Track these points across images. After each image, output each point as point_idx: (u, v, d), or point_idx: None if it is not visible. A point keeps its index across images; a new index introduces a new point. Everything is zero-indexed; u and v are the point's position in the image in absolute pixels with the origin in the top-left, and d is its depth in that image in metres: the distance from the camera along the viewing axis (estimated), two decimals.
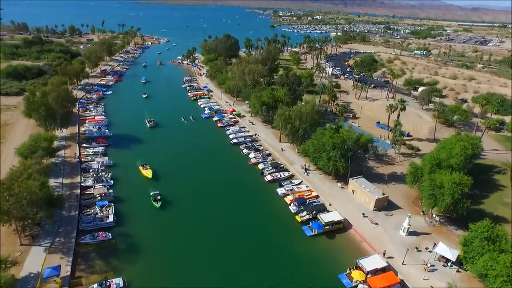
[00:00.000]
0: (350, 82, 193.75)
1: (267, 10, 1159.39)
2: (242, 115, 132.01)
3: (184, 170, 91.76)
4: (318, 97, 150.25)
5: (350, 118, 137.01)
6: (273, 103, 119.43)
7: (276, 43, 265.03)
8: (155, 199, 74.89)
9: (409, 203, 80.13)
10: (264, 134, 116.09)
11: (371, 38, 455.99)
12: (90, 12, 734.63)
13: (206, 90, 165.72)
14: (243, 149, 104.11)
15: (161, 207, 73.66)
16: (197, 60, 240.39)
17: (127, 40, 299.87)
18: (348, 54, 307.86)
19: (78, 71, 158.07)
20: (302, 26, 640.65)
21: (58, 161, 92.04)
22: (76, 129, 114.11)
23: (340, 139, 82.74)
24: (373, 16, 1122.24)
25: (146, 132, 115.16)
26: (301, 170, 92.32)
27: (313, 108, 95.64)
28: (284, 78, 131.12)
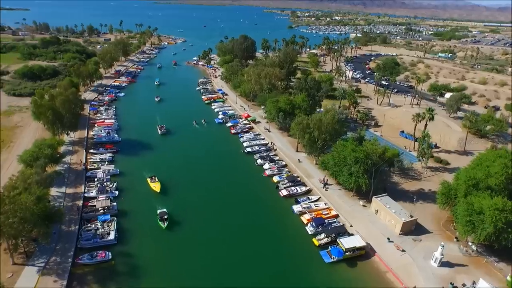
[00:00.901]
0: (371, 86, 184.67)
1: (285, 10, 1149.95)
2: (257, 121, 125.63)
3: (194, 183, 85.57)
4: (337, 102, 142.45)
5: (371, 126, 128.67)
6: (290, 109, 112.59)
7: (294, 45, 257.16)
8: (162, 219, 68.76)
9: (440, 227, 71.88)
10: (280, 142, 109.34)
11: (392, 39, 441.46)
12: (109, 12, 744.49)
13: (221, 93, 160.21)
14: (257, 159, 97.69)
15: (167, 228, 67.51)
16: (213, 61, 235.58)
17: (143, 40, 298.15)
18: (368, 56, 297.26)
19: (91, 72, 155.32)
20: (320, 27, 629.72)
21: (64, 168, 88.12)
22: (85, 133, 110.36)
23: (364, 153, 75.21)
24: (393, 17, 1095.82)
25: (156, 139, 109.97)
26: (320, 185, 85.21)
27: (334, 117, 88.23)
28: (303, 82, 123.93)
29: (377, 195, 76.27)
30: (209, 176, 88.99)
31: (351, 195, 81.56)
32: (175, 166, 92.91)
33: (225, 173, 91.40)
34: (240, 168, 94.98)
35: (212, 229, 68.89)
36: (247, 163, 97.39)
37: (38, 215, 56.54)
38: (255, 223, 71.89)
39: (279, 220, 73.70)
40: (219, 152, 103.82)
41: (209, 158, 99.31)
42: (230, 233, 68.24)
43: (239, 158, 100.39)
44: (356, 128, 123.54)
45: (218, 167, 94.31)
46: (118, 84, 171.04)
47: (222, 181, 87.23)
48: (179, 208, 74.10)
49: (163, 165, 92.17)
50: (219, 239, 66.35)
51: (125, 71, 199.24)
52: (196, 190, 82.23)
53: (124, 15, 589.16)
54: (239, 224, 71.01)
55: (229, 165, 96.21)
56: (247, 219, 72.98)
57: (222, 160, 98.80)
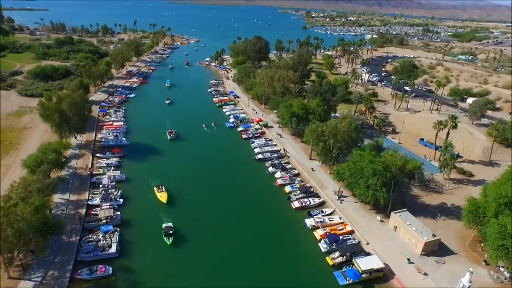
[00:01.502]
0: (388, 90, 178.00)
1: (300, 10, 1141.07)
2: (270, 126, 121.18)
3: (202, 193, 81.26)
4: (353, 107, 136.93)
5: (389, 132, 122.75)
6: (304, 114, 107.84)
7: (309, 46, 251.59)
8: (167, 234, 64.53)
9: (466, 247, 66.12)
10: (293, 149, 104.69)
11: (409, 41, 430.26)
12: (125, 11, 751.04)
13: (233, 95, 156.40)
14: (269, 167, 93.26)
15: (172, 244, 63.27)
16: (225, 62, 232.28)
17: (156, 40, 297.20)
18: (385, 58, 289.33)
19: (102, 73, 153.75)
20: (335, 28, 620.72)
21: (69, 173, 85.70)
22: (93, 135, 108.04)
23: (382, 165, 70.01)
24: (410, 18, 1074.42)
25: (165, 144, 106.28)
26: (334, 196, 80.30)
27: (351, 125, 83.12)
28: (317, 86, 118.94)
29: (396, 210, 71.00)
30: (218, 186, 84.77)
31: (368, 208, 76.41)
32: (183, 174, 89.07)
33: (235, 182, 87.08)
34: (250, 176, 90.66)
35: (219, 246, 64.41)
36: (258, 171, 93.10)
37: (36, 226, 53.81)
38: (265, 238, 67.33)
39: (290, 235, 69.12)
40: (229, 158, 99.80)
41: (218, 165, 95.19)
42: (238, 250, 63.81)
43: (250, 166, 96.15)
44: (373, 134, 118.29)
45: (228, 175, 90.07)
46: (129, 85, 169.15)
47: (231, 191, 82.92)
48: (186, 222, 69.91)
49: (171, 173, 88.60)
50: (226, 257, 62.00)
51: (136, 72, 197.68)
52: (204, 201, 78.02)
53: (139, 15, 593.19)
54: (248, 240, 66.48)
55: (239, 173, 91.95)
56: (256, 234, 68.43)
57: (232, 167, 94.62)
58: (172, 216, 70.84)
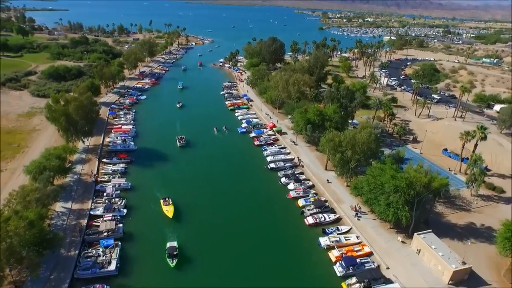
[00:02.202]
0: (408, 95, 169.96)
1: (316, 11, 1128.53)
2: (283, 132, 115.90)
3: (210, 206, 76.26)
4: (371, 113, 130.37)
5: (409, 141, 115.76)
6: (320, 121, 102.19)
7: (325, 48, 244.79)
8: (171, 255, 59.35)
9: (500, 277, 59.43)
10: (307, 158, 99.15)
11: (429, 43, 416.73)
12: (142, 11, 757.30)
13: (246, 99, 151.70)
14: (281, 177, 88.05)
15: (176, 266, 58.22)
16: (240, 63, 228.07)
17: (171, 40, 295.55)
18: (404, 61, 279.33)
19: (114, 74, 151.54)
20: (352, 29, 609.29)
21: (73, 179, 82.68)
22: (101, 139, 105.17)
23: (405, 181, 63.91)
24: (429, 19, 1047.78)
25: (174, 151, 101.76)
26: (351, 212, 74.54)
27: (370, 136, 77.10)
28: (334, 91, 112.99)
29: (419, 231, 64.79)
30: (228, 198, 79.62)
31: (388, 227, 70.36)
32: (191, 185, 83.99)
33: (246, 194, 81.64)
34: (262, 188, 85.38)
35: (226, 268, 59.21)
36: (270, 182, 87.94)
37: (31, 242, 50.30)
38: (277, 260, 61.91)
39: (303, 255, 63.73)
40: (240, 168, 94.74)
41: (229, 175, 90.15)
42: (246, 274, 58.65)
43: (262, 175, 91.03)
44: (393, 143, 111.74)
45: (238, 187, 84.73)
46: (141, 86, 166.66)
47: (241, 204, 77.66)
48: (192, 240, 64.81)
49: (179, 183, 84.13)
50: (234, 280, 56.91)
51: (149, 73, 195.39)
52: (212, 216, 72.84)
53: (155, 15, 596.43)
54: (257, 262, 61.08)
55: (250, 184, 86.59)
56: (267, 255, 62.91)
57: (243, 178, 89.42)
58: (178, 232, 66.22)
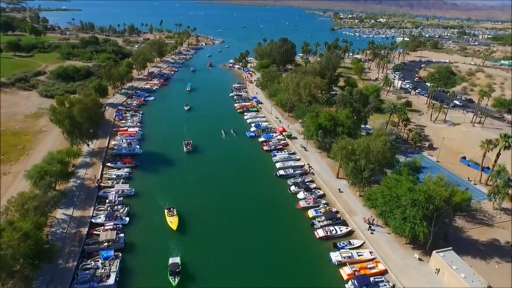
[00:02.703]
0: (423, 99, 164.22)
1: (328, 11, 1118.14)
2: (293, 137, 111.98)
3: (216, 216, 72.61)
4: (385, 117, 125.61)
5: (425, 148, 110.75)
6: (331, 126, 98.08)
7: (337, 49, 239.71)
8: (173, 272, 55.69)
9: None
10: (318, 164, 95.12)
11: (444, 44, 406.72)
12: (154, 11, 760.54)
13: (255, 101, 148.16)
14: (291, 186, 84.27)
15: (178, 285, 54.54)
16: (250, 64, 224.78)
17: (181, 40, 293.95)
18: (418, 63, 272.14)
19: (122, 74, 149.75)
20: (364, 30, 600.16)
21: (76, 184, 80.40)
22: (106, 142, 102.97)
23: (424, 195, 59.55)
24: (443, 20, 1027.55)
25: (181, 156, 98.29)
26: (364, 225, 70.41)
27: (386, 144, 72.76)
28: (347, 95, 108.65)
29: (438, 249, 60.38)
30: (235, 208, 75.89)
31: (403, 242, 66.03)
32: (197, 194, 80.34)
33: (254, 204, 77.91)
34: (270, 196, 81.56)
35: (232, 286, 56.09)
36: (279, 190, 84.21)
37: (25, 254, 47.74)
38: (285, 276, 58.10)
39: (313, 272, 59.87)
40: (248, 174, 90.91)
41: (236, 183, 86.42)
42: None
43: (270, 183, 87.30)
44: (407, 150, 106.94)
45: (246, 195, 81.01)
46: (149, 87, 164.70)
47: (249, 215, 73.92)
48: (196, 255, 61.17)
49: (184, 191, 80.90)
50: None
51: (158, 73, 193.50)
52: (218, 228, 69.13)
53: (166, 15, 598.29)
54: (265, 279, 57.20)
55: (259, 192, 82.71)
56: (275, 271, 59.17)
57: (251, 185, 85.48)
58: (181, 246, 62.80)
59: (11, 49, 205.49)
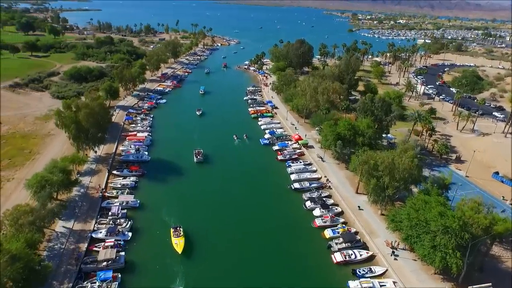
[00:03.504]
0: (448, 105, 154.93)
1: (345, 12, 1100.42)
2: (310, 145, 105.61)
3: (225, 236, 66.67)
4: (408, 125, 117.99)
5: (452, 161, 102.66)
6: (351, 136, 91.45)
7: (356, 52, 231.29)
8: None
9: None
10: (336, 177, 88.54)
11: (468, 47, 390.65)
12: (171, 11, 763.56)
13: (270, 105, 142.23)
14: (306, 201, 78.13)
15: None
16: (265, 66, 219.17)
17: (196, 41, 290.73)
18: (441, 67, 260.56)
19: (134, 76, 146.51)
20: (383, 31, 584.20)
21: (79, 193, 76.54)
22: (114, 147, 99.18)
23: (459, 222, 52.55)
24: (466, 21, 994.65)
25: (190, 166, 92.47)
26: (386, 249, 63.76)
27: (413, 160, 65.68)
28: (368, 103, 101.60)
29: (473, 284, 53.33)
30: (246, 227, 69.76)
31: (432, 272, 59.03)
32: (206, 210, 74.65)
33: (266, 221, 71.73)
34: (284, 212, 75.44)
35: None
36: (293, 205, 78.14)
37: (13, 278, 43.65)
38: None
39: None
40: (261, 187, 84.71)
41: (248, 196, 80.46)
42: None
43: (284, 197, 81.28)
44: (433, 163, 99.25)
45: (258, 211, 75.02)
46: (162, 89, 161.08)
47: (260, 235, 67.75)
48: (201, 284, 55.58)
49: (192, 207, 75.42)
50: None
51: (171, 74, 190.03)
52: (227, 250, 63.26)
53: (184, 15, 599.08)
54: None
55: (272, 207, 76.68)
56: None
57: (264, 200, 79.48)
58: (187, 273, 57.02)
59: (28, 49, 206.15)
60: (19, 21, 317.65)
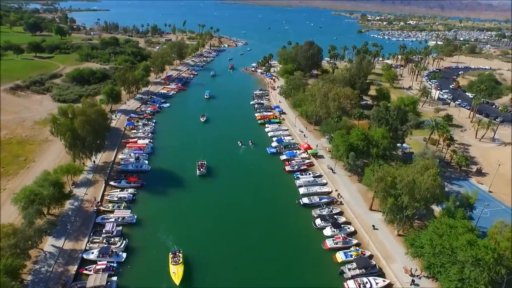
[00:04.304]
0: (465, 111, 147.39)
1: (354, 13, 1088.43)
2: (320, 155, 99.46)
3: (229, 260, 60.60)
4: (424, 133, 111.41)
5: (473, 173, 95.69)
6: (364, 146, 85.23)
7: (367, 54, 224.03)
8: None
9: None
10: (348, 191, 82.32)
11: (483, 49, 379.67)
12: (180, 11, 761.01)
13: (278, 111, 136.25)
14: (316, 218, 72.14)
15: None
16: (273, 68, 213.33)
17: (203, 42, 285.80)
18: (455, 70, 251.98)
19: (137, 79, 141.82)
20: (393, 32, 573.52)
21: (73, 207, 71.63)
22: (113, 155, 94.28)
23: (493, 255, 46.18)
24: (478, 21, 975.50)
25: (192, 179, 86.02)
26: (405, 277, 57.52)
27: (436, 179, 59.16)
28: (383, 111, 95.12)
29: None
30: (251, 248, 63.70)
31: None
32: (208, 227, 68.67)
33: (274, 242, 65.58)
34: (292, 231, 69.32)
35: None
36: (302, 223, 72.08)
37: None
38: None
39: None
40: (267, 202, 78.47)
41: (254, 213, 74.47)
42: None
43: (292, 214, 75.21)
44: (452, 176, 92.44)
45: (265, 230, 69.02)
46: (166, 92, 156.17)
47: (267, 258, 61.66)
48: None
49: (194, 224, 69.81)
50: None
51: (176, 77, 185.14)
52: (230, 277, 57.11)
53: (191, 15, 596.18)
54: None
55: (279, 225, 70.68)
56: None
57: (271, 216, 73.47)
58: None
59: (33, 50, 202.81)
60: (27, 21, 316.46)
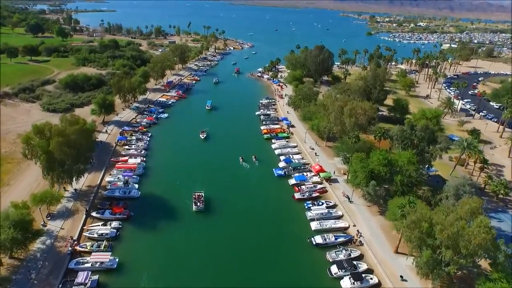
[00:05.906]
0: (493, 125, 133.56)
1: (362, 14, 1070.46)
2: (333, 179, 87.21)
3: None
4: (451, 151, 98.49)
5: (510, 200, 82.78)
6: (387, 173, 72.93)
7: (381, 59, 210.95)
8: None
9: None
10: (368, 226, 70.09)
11: (500, 52, 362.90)
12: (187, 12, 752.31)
13: (286, 123, 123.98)
14: (332, 264, 60.00)
15: None
16: (281, 73, 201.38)
17: (207, 44, 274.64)
18: (474, 75, 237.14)
19: (134, 86, 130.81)
20: (404, 34, 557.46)
21: (44, 246, 60.51)
22: (99, 178, 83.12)
23: None
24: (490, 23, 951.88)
25: (187, 213, 73.34)
26: None
27: (489, 231, 46.56)
28: (407, 131, 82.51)
29: None
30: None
31: None
32: (203, 276, 57.07)
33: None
34: (305, 279, 57.50)
35: None
36: (316, 269, 59.98)
37: None
38: None
39: None
40: (274, 241, 66.33)
41: (259, 256, 62.43)
42: None
43: (304, 257, 62.87)
44: (488, 205, 79.59)
45: (272, 278, 57.25)
46: (165, 100, 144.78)
47: None
48: None
49: (186, 272, 58.09)
50: None
51: (177, 83, 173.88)
52: None
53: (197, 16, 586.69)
54: None
55: (288, 275, 58.53)
56: None
57: (279, 261, 61.32)
58: None
59: (27, 53, 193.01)
60: (28, 22, 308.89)
